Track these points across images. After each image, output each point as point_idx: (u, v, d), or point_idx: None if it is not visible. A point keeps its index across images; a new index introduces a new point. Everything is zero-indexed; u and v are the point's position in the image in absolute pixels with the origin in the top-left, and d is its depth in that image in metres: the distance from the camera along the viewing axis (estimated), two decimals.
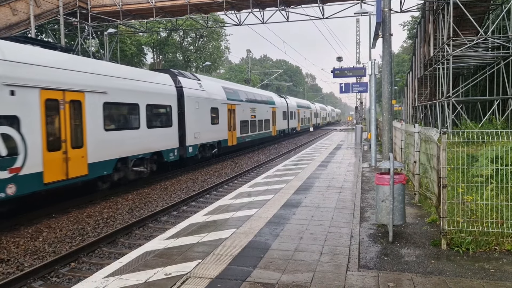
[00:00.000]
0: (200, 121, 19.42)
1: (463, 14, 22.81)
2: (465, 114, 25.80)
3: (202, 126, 19.69)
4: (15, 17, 24.65)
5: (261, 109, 31.10)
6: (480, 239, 6.01)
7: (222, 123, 22.61)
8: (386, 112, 11.52)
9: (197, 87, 19.73)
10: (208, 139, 20.50)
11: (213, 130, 21.10)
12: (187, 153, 18.15)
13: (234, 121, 24.69)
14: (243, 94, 27.50)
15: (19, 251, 8.23)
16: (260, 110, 30.60)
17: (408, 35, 60.79)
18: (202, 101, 19.82)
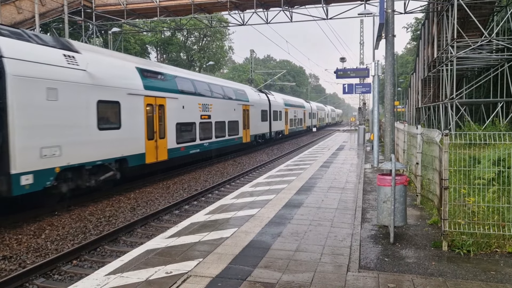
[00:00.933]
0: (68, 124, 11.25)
1: (468, 16, 22.75)
2: (469, 116, 25.73)
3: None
4: (20, 15, 24.76)
5: (223, 106, 22.73)
6: (481, 241, 6.00)
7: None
8: (388, 113, 11.51)
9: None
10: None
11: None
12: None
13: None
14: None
15: (22, 248, 8.28)
16: (220, 107, 22.27)
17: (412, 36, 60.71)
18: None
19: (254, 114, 28.37)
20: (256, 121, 29.07)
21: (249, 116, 27.25)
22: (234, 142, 24.34)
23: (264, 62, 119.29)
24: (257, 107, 29.29)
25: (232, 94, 24.58)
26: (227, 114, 23.30)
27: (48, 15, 26.92)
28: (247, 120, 26.94)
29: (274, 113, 34.38)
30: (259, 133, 29.88)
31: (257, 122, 29.42)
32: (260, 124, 30.21)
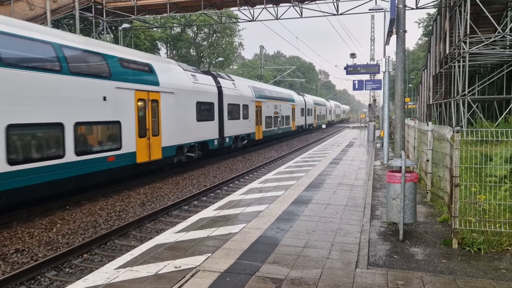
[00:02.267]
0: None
1: (481, 11, 22.41)
2: (481, 113, 25.39)
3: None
4: (32, 11, 25.00)
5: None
6: (492, 239, 5.94)
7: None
8: (398, 110, 11.41)
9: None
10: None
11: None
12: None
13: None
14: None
15: (34, 241, 8.40)
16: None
17: (424, 32, 60.08)
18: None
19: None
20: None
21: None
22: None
23: (274, 58, 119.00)
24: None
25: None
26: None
27: (59, 12, 27.14)
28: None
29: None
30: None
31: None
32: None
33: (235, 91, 23.67)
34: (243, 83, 26.58)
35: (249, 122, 25.76)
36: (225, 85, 22.26)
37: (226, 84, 22.57)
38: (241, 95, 24.40)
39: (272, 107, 31.78)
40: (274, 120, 32.16)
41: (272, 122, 31.62)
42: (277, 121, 33.18)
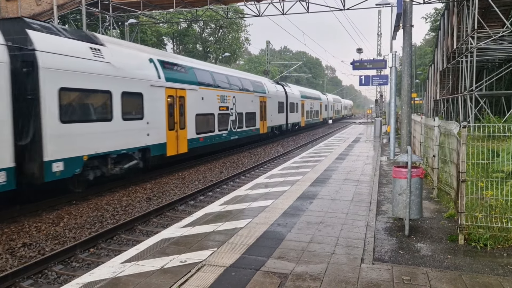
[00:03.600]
0: None
1: (489, 6, 22.17)
2: (489, 108, 25.17)
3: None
4: (39, 7, 25.11)
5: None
6: (499, 235, 5.90)
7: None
8: (405, 105, 11.34)
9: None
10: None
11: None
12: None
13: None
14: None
15: (41, 235, 8.48)
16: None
17: (431, 27, 59.55)
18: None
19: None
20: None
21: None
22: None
23: (280, 53, 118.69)
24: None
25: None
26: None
27: (66, 7, 27.24)
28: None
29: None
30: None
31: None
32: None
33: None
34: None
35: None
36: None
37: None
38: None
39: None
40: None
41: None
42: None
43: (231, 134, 21.58)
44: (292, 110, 35.17)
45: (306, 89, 46.19)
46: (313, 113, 40.51)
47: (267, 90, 28.43)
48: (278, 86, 32.73)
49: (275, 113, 30.26)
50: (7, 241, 8.10)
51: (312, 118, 41.11)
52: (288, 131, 34.19)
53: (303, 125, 34.31)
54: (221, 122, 20.27)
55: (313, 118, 41.74)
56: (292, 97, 35.35)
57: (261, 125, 26.78)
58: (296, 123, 36.80)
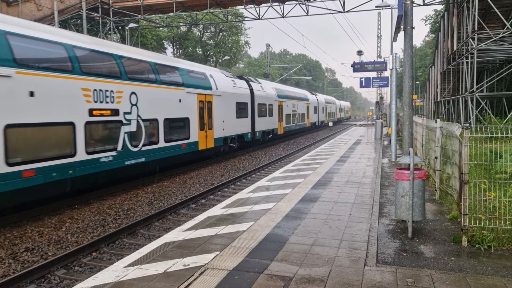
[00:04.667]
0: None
1: (489, 7, 22.21)
2: (490, 109, 25.15)
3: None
4: (40, 12, 25.19)
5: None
6: (502, 236, 5.88)
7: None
8: (406, 107, 11.35)
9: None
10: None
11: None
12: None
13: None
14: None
15: (43, 240, 8.47)
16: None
17: (431, 29, 59.63)
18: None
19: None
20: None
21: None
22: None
23: (280, 56, 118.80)
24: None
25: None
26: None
27: (66, 12, 27.32)
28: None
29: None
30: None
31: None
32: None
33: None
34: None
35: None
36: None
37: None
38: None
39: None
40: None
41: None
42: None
43: (123, 157, 12.81)
44: (262, 114, 26.81)
45: (287, 87, 38.11)
46: (296, 117, 35.25)
47: (215, 85, 19.81)
48: (239, 81, 24.13)
49: (231, 118, 21.64)
50: (10, 246, 8.09)
51: (295, 123, 35.49)
52: (256, 141, 25.82)
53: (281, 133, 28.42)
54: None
55: (297, 123, 36.26)
56: (262, 96, 26.75)
57: (201, 137, 17.93)
58: (268, 131, 28.23)
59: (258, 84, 27.25)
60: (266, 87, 29.05)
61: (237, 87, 22.46)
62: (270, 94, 29.20)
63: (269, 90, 29.43)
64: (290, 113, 34.33)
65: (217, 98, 19.47)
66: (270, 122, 28.76)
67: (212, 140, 18.84)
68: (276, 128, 30.29)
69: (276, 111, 30.16)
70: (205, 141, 18.14)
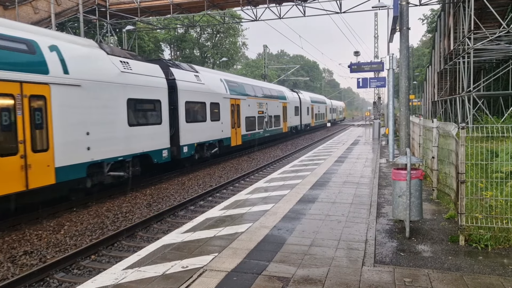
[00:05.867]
0: None
1: (485, 7, 22.28)
2: (487, 109, 25.24)
3: None
4: (37, 15, 25.17)
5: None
6: (499, 235, 5.92)
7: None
8: (403, 107, 11.40)
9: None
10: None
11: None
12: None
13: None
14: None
15: (42, 243, 8.47)
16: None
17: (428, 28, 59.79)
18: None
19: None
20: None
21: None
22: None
23: (277, 57, 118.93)
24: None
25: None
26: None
27: (63, 15, 27.30)
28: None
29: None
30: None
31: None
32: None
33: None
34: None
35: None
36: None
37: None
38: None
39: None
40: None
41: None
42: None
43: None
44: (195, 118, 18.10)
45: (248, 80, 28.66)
46: (266, 120, 27.69)
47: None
48: (145, 64, 17.43)
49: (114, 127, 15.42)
50: (8, 249, 8.09)
51: (263, 128, 27.42)
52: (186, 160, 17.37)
53: (237, 143, 21.59)
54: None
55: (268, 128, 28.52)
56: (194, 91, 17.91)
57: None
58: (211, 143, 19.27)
59: (189, 73, 17.84)
60: (206, 77, 19.22)
61: (132, 73, 13.48)
62: (213, 88, 19.48)
63: (212, 83, 19.70)
64: (255, 115, 25.67)
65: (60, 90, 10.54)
66: (213, 130, 19.32)
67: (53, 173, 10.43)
68: (227, 138, 20.99)
69: (226, 113, 20.84)
70: None
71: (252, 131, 24.89)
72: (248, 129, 24.28)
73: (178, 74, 16.69)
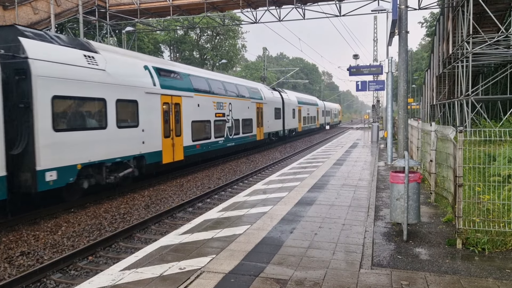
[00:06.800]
0: None
1: (484, 11, 22.36)
2: (485, 113, 25.29)
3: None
4: (36, 16, 25.18)
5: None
6: (496, 239, 5.93)
7: None
8: (401, 110, 11.43)
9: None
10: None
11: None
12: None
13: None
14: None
15: (39, 244, 8.45)
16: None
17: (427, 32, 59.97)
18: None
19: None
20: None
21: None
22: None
23: (276, 60, 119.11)
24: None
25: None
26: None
27: (63, 15, 27.32)
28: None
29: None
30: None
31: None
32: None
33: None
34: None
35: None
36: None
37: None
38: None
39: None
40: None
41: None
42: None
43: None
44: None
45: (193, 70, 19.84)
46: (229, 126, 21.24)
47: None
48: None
49: None
50: (5, 250, 8.07)
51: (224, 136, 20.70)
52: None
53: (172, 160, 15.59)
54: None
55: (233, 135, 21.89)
56: None
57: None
58: (116, 161, 12.69)
59: (68, 51, 11.37)
60: (111, 61, 12.80)
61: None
62: (124, 78, 13.14)
63: (124, 70, 13.37)
64: (210, 119, 18.94)
65: None
66: (123, 141, 12.98)
67: None
68: (154, 153, 14.39)
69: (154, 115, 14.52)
70: None
71: (204, 141, 18.11)
72: (197, 138, 17.39)
73: (39, 49, 10.32)
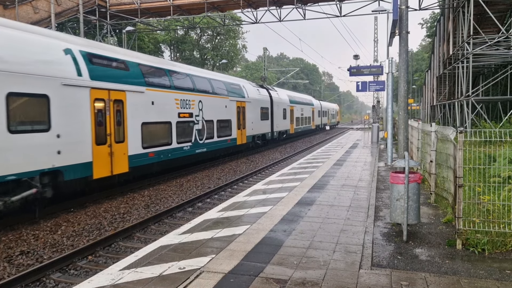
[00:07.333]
0: None
1: (484, 12, 22.36)
2: (485, 114, 25.27)
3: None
4: (37, 15, 25.19)
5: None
6: (496, 240, 5.93)
7: None
8: (401, 111, 11.42)
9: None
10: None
11: None
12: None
13: None
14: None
15: (39, 243, 8.45)
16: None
17: (427, 33, 59.97)
18: None
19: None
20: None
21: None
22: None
23: (277, 60, 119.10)
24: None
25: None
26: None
27: (63, 15, 27.33)
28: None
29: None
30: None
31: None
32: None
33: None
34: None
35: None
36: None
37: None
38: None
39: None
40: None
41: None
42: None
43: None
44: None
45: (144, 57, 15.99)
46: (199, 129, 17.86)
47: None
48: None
49: None
50: (5, 249, 8.07)
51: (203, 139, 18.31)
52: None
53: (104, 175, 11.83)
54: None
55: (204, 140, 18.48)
56: None
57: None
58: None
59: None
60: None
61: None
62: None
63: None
64: (170, 120, 15.73)
65: None
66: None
67: None
68: (74, 166, 10.92)
69: (70, 116, 10.93)
70: None
71: (161, 147, 14.95)
72: (151, 145, 14.27)
73: None
